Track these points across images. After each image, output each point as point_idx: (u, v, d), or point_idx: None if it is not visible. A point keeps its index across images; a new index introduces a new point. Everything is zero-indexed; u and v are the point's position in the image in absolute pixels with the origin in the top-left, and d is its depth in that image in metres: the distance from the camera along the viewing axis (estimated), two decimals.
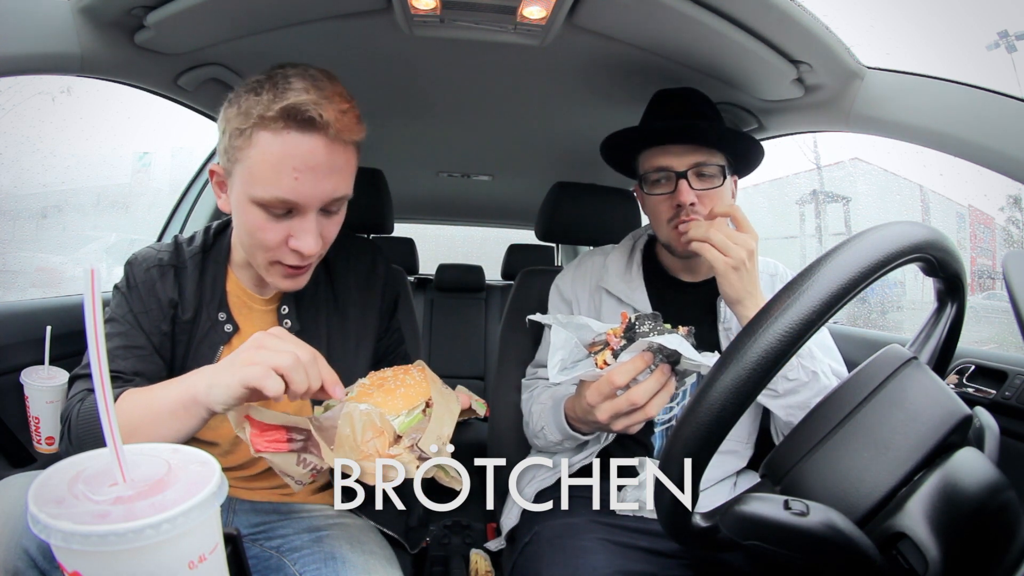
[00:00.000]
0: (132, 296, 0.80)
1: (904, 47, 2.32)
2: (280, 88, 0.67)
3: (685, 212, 0.92)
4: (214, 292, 0.82)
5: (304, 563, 0.80)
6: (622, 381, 0.70)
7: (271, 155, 0.67)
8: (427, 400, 0.71)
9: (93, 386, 0.36)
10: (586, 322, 0.77)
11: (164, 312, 0.80)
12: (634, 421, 0.73)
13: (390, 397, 0.68)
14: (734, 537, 0.46)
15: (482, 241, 3.51)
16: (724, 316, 0.97)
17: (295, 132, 0.66)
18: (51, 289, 1.71)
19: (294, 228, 0.71)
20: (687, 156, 0.93)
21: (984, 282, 2.14)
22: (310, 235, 0.71)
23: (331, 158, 0.69)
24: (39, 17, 0.84)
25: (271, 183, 0.68)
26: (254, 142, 0.67)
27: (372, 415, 0.63)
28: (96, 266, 0.35)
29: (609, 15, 0.93)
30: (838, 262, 0.46)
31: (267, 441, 0.62)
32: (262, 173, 0.68)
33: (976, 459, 0.47)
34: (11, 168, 1.65)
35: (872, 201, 2.54)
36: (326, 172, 0.69)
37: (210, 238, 0.87)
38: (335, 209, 0.75)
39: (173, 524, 0.33)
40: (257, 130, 0.67)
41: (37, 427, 1.05)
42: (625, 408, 0.71)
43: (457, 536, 1.89)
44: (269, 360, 0.58)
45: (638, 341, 0.69)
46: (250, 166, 0.68)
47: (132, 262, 0.84)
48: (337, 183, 0.71)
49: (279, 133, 0.66)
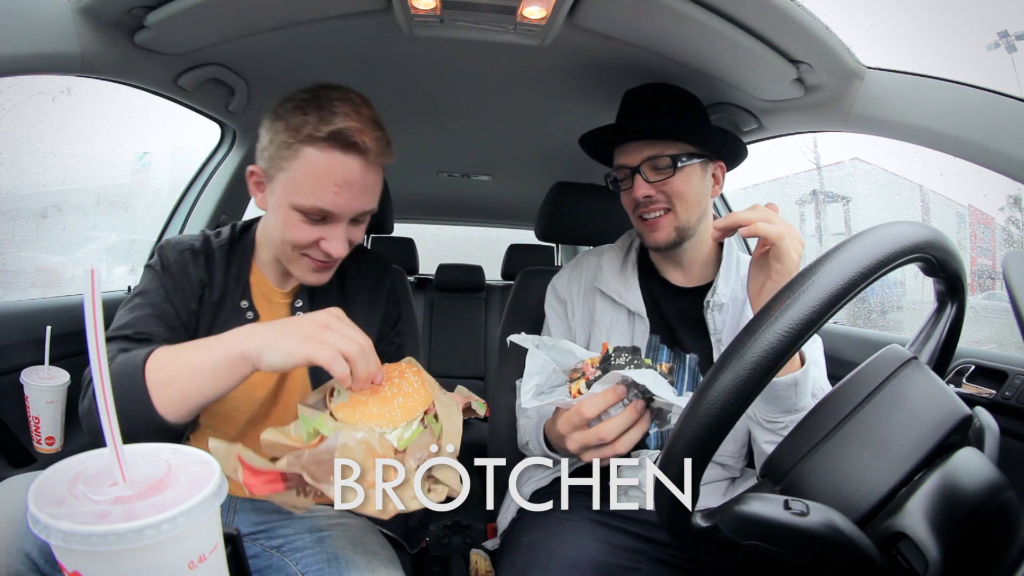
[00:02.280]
0: (165, 274, 0.85)
1: (904, 47, 2.32)
2: (326, 111, 0.76)
3: (643, 205, 0.95)
4: (239, 281, 0.89)
5: (307, 563, 0.80)
6: (591, 413, 0.68)
7: (316, 170, 0.76)
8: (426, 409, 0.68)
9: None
10: (570, 347, 0.76)
11: (194, 291, 0.85)
12: (603, 455, 0.70)
13: (387, 408, 0.65)
14: (734, 537, 0.46)
15: (482, 241, 3.51)
16: (715, 327, 0.95)
17: (339, 153, 0.76)
18: (51, 289, 1.71)
19: (326, 232, 0.80)
20: (640, 151, 0.95)
21: (984, 282, 2.14)
22: (340, 241, 0.81)
23: (366, 178, 0.79)
24: (39, 17, 0.84)
25: (313, 194, 0.77)
26: (301, 156, 0.76)
27: (371, 441, 0.60)
28: (96, 266, 0.35)
29: (609, 15, 0.93)
30: (838, 262, 0.46)
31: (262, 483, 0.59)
32: (306, 184, 0.76)
33: (976, 459, 0.47)
34: (11, 168, 1.65)
35: (872, 201, 2.54)
36: (361, 190, 0.79)
37: (236, 233, 0.93)
38: (362, 220, 0.85)
39: (173, 524, 0.33)
40: (304, 146, 0.76)
41: (37, 427, 1.05)
42: (593, 442, 0.69)
43: (457, 536, 1.89)
44: (338, 344, 0.63)
45: (611, 373, 0.67)
46: (295, 176, 0.77)
47: (164, 245, 0.88)
48: (368, 199, 0.82)
49: (325, 152, 0.76)
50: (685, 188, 0.95)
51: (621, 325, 1.00)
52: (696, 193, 0.96)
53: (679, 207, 0.95)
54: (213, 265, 0.88)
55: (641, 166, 0.94)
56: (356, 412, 0.64)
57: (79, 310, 0.38)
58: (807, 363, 0.76)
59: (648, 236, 0.97)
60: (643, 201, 0.95)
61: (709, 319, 0.95)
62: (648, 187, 0.94)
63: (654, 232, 0.96)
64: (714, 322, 0.95)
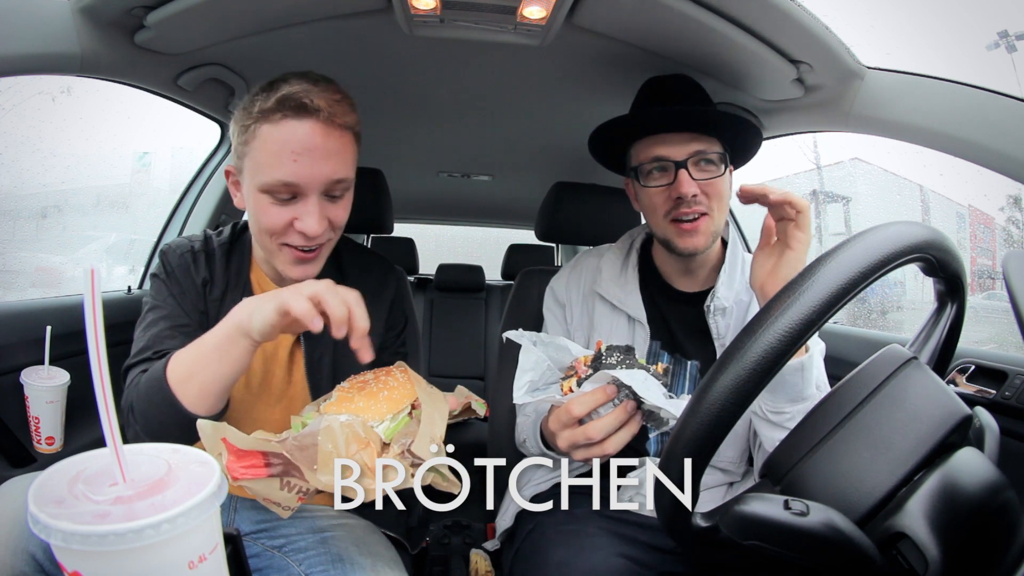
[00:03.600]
0: (171, 281, 0.86)
1: (904, 47, 2.32)
2: (276, 85, 0.76)
3: (686, 204, 0.87)
4: (239, 279, 0.89)
5: (311, 564, 0.80)
6: (579, 412, 0.67)
7: (271, 143, 0.74)
8: (412, 402, 0.68)
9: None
10: (566, 345, 0.75)
11: (199, 292, 0.86)
12: (591, 455, 0.69)
13: (373, 402, 0.65)
14: (734, 537, 0.46)
15: (482, 241, 3.51)
16: (718, 332, 0.93)
17: (291, 119, 0.73)
18: (51, 289, 1.71)
19: (298, 211, 0.77)
20: (686, 145, 0.87)
21: (984, 282, 2.15)
22: (312, 216, 0.76)
23: (327, 141, 0.75)
24: (39, 17, 0.84)
25: (273, 168, 0.74)
26: (257, 135, 0.75)
27: (354, 426, 0.60)
28: (96, 266, 0.35)
29: (609, 15, 0.93)
30: (838, 262, 0.46)
31: (244, 467, 0.59)
32: (265, 161, 0.75)
33: (976, 459, 0.47)
34: (11, 168, 1.65)
35: (872, 201, 2.54)
36: (323, 155, 0.75)
37: (236, 232, 0.94)
38: (338, 193, 0.80)
39: (173, 524, 0.33)
40: (259, 124, 0.75)
41: (37, 427, 1.06)
42: (582, 441, 0.69)
43: (457, 536, 1.89)
44: (304, 289, 0.63)
45: (600, 373, 0.67)
46: (255, 157, 0.76)
47: (166, 251, 0.89)
48: (335, 166, 0.77)
49: (277, 123, 0.74)
50: (725, 190, 0.90)
51: (621, 330, 0.97)
52: (728, 196, 0.91)
53: (716, 210, 0.89)
54: (214, 263, 0.89)
55: (687, 161, 0.87)
56: (342, 407, 0.65)
57: (79, 310, 0.38)
58: (811, 349, 0.76)
59: (682, 240, 0.89)
60: (688, 200, 0.87)
61: (712, 323, 0.93)
62: (694, 184, 0.86)
63: (693, 237, 0.88)
64: (717, 326, 0.93)
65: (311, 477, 0.59)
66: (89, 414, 0.74)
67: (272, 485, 0.62)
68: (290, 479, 0.62)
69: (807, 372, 0.75)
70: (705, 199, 0.88)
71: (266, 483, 0.62)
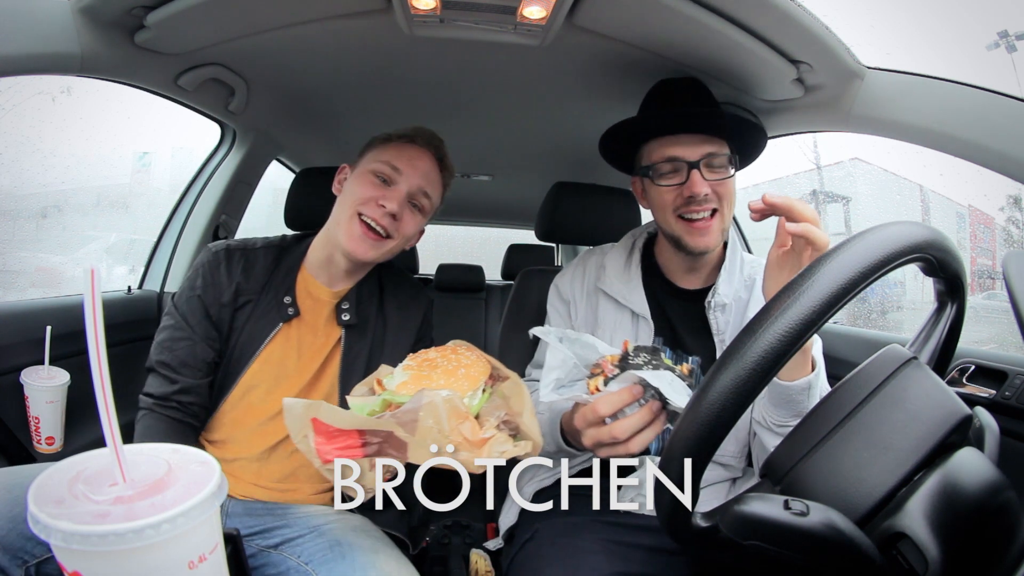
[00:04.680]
0: (197, 279, 0.96)
1: (904, 47, 2.32)
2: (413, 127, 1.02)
3: (696, 203, 0.90)
4: (284, 280, 0.98)
5: (309, 553, 0.79)
6: (605, 412, 0.68)
7: (399, 147, 0.99)
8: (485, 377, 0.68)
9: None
10: (593, 342, 0.75)
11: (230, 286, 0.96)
12: (616, 454, 0.69)
13: (453, 379, 0.65)
14: (734, 537, 0.46)
15: (482, 241, 3.51)
16: (718, 328, 0.95)
17: (419, 145, 1.00)
18: (51, 289, 1.70)
19: (387, 193, 0.95)
20: (699, 146, 0.91)
21: (984, 282, 2.15)
22: (395, 201, 0.94)
23: (429, 167, 0.99)
24: (39, 17, 0.84)
25: (390, 158, 0.97)
26: (388, 144, 0.99)
27: (455, 401, 0.59)
28: (96, 266, 0.35)
29: (609, 15, 0.93)
30: (838, 262, 0.46)
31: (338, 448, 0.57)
32: (386, 154, 0.97)
33: (976, 459, 0.47)
34: (11, 168, 1.65)
35: (872, 201, 2.54)
36: (423, 172, 0.98)
37: (288, 240, 1.06)
38: (417, 204, 0.99)
39: (173, 524, 0.33)
40: (393, 140, 1.00)
41: (37, 427, 1.06)
42: (607, 440, 0.69)
43: (457, 536, 1.89)
44: None
45: (627, 373, 0.67)
46: (379, 152, 0.98)
47: (204, 251, 1.00)
48: (427, 182, 0.99)
49: (407, 143, 1.00)
50: (733, 190, 0.93)
51: (625, 327, 0.99)
52: (735, 196, 0.94)
53: (726, 209, 0.92)
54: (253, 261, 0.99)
55: (700, 162, 0.90)
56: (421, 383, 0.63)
57: (79, 310, 0.38)
58: (818, 367, 0.76)
59: (692, 239, 0.92)
60: (699, 199, 0.90)
61: (712, 319, 0.95)
62: (706, 184, 0.90)
63: (703, 236, 0.91)
64: (717, 322, 0.95)
65: (413, 453, 0.57)
66: (89, 414, 0.74)
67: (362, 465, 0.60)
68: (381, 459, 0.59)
69: (814, 390, 0.75)
70: (715, 198, 0.91)
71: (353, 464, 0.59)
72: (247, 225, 1.80)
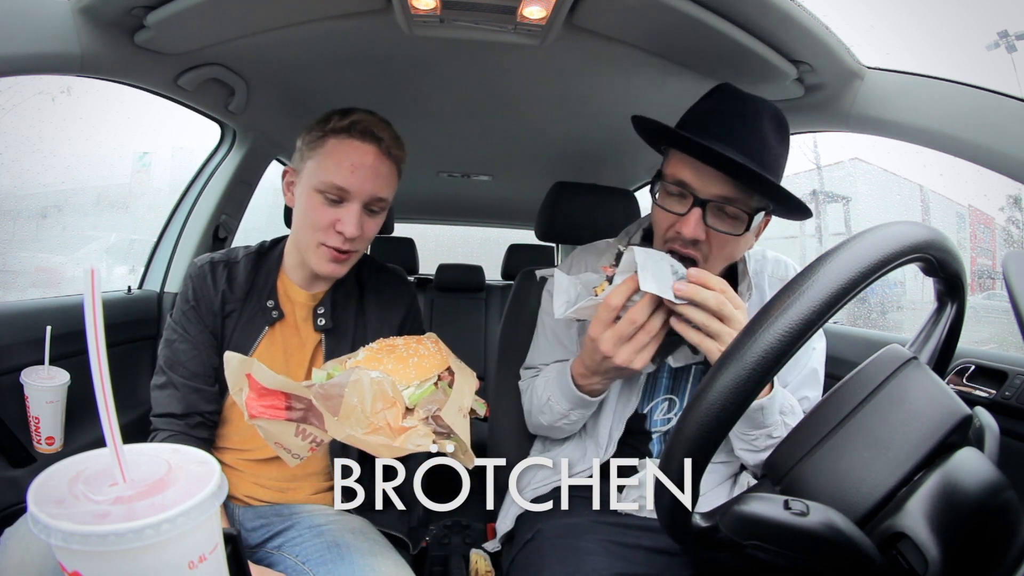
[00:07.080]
0: (188, 290, 0.96)
1: (904, 47, 2.32)
2: (350, 112, 0.90)
3: (682, 244, 0.80)
4: (266, 284, 0.98)
5: (308, 553, 0.80)
6: (617, 301, 0.72)
7: (336, 153, 0.87)
8: (440, 373, 0.68)
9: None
10: (591, 276, 0.82)
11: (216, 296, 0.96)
12: (639, 344, 0.74)
13: (402, 366, 0.65)
14: (734, 537, 0.46)
15: (482, 241, 3.51)
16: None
17: (356, 140, 0.87)
18: (51, 289, 1.70)
19: (342, 214, 0.88)
20: (718, 183, 0.76)
21: (984, 282, 2.14)
22: (352, 221, 0.88)
23: (379, 164, 0.89)
24: (39, 17, 0.84)
25: (332, 173, 0.87)
26: (325, 144, 0.88)
27: (383, 384, 0.59)
28: (96, 266, 0.35)
29: (609, 15, 0.93)
30: (838, 262, 0.46)
31: (264, 406, 0.58)
32: (327, 166, 0.87)
33: (976, 459, 0.47)
34: (11, 168, 1.65)
35: (872, 201, 2.54)
36: (374, 174, 0.89)
37: (266, 245, 1.04)
38: (376, 209, 0.92)
39: (173, 524, 0.33)
40: (328, 136, 0.88)
41: (37, 427, 1.05)
42: (627, 330, 0.73)
43: (457, 536, 1.89)
44: None
45: (624, 262, 0.73)
46: (319, 162, 0.88)
47: (190, 265, 1.00)
48: (380, 186, 0.90)
49: (344, 139, 0.87)
50: (733, 249, 0.81)
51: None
52: (739, 249, 0.84)
53: (715, 260, 0.81)
54: (236, 270, 0.98)
55: (710, 202, 0.77)
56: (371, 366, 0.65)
57: (79, 310, 0.38)
58: (775, 389, 0.79)
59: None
60: (686, 241, 0.79)
61: None
62: (702, 231, 0.77)
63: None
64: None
65: (331, 427, 0.57)
66: (89, 414, 0.74)
67: (288, 429, 0.61)
68: (307, 427, 0.61)
69: (767, 410, 0.79)
70: (706, 248, 0.79)
71: (282, 426, 0.60)
72: (247, 225, 1.80)
